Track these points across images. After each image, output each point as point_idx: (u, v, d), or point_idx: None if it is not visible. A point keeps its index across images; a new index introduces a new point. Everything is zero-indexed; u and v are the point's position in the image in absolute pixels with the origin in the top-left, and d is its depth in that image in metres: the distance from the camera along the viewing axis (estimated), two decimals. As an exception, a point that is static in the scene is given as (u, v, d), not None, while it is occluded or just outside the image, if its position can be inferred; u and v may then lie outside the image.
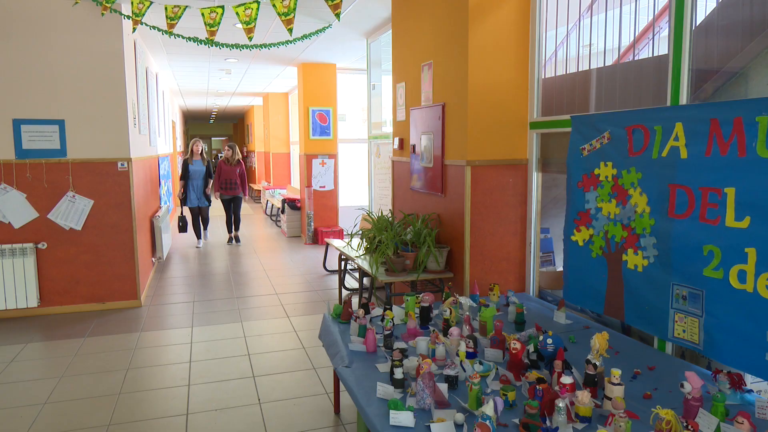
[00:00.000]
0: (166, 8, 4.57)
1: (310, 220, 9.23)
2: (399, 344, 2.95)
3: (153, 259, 7.08)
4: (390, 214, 5.15)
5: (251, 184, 18.43)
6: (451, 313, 3.12)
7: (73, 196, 5.29)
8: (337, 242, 5.92)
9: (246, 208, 15.03)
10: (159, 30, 5.08)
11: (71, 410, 3.42)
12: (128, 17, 4.90)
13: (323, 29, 6.12)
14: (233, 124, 28.47)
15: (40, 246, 5.25)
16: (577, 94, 3.71)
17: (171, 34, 4.72)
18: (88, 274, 5.46)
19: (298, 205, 9.90)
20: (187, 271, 7.29)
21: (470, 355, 2.65)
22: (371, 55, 7.25)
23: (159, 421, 3.28)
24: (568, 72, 3.86)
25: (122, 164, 5.45)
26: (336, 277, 6.75)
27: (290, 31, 4.29)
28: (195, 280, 6.79)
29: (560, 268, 4.34)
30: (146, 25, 5.05)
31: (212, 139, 30.67)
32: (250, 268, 7.39)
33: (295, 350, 4.40)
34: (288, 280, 6.74)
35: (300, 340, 4.62)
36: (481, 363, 2.53)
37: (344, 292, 5.94)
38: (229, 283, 6.64)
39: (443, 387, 2.33)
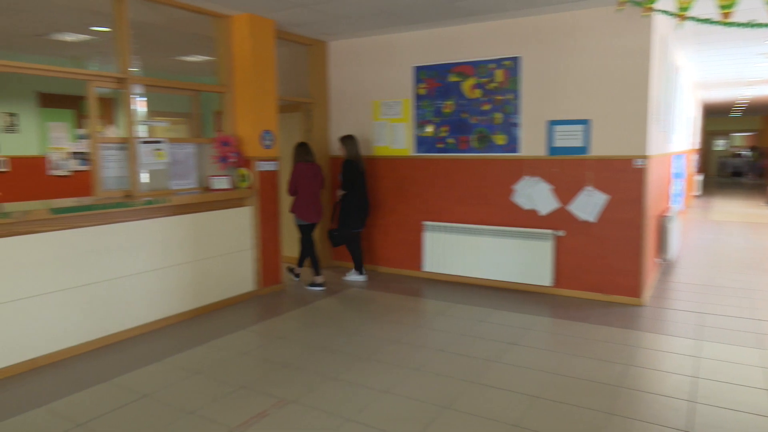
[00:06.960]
0: None
1: None
2: None
3: (658, 259, 6.85)
4: None
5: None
6: None
7: (591, 190, 5.66)
8: None
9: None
10: (711, 22, 4.70)
11: (572, 386, 3.71)
12: (672, 14, 4.75)
13: None
14: (762, 117, 24.31)
15: (558, 233, 5.89)
16: None
17: (728, 24, 4.30)
18: (594, 264, 5.77)
19: None
20: (696, 278, 6.72)
21: None
22: None
23: (655, 428, 3.16)
24: None
25: (639, 161, 5.45)
26: None
27: None
28: (705, 289, 6.18)
29: None
30: (695, 19, 4.74)
31: (730, 135, 27.09)
32: (774, 288, 6.17)
33: (840, 405, 3.40)
34: (831, 313, 5.27)
35: None
36: None
37: None
38: (747, 300, 5.73)
39: None
